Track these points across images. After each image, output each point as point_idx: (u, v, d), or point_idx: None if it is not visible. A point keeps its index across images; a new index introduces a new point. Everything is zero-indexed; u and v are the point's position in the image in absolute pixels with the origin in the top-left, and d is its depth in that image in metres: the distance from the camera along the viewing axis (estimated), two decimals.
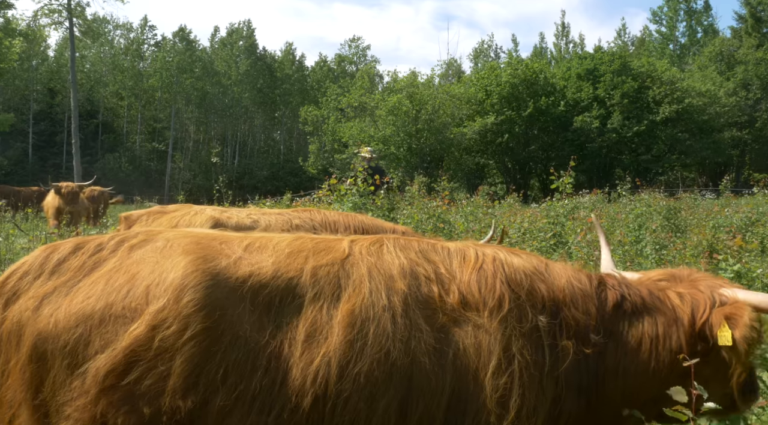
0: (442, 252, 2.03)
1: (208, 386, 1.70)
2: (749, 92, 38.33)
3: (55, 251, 1.97)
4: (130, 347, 1.70)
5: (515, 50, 59.93)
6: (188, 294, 1.74)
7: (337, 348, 1.74)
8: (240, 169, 50.46)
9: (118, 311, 1.75)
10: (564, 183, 8.56)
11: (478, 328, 1.82)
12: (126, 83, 50.37)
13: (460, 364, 1.79)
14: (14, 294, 1.89)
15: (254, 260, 1.90)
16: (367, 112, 36.70)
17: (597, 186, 20.22)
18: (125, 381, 1.69)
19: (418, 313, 1.82)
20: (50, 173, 41.16)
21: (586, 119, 35.87)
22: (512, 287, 1.90)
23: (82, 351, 1.73)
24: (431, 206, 8.84)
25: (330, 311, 1.80)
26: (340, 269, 1.90)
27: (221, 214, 4.02)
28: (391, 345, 1.75)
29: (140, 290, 1.79)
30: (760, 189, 17.41)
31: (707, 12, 52.79)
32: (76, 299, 1.80)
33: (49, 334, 1.77)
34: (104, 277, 1.84)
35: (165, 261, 1.85)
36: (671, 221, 10.19)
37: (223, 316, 1.74)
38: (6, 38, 29.47)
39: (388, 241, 2.04)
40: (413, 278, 1.89)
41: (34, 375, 1.78)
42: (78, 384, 1.72)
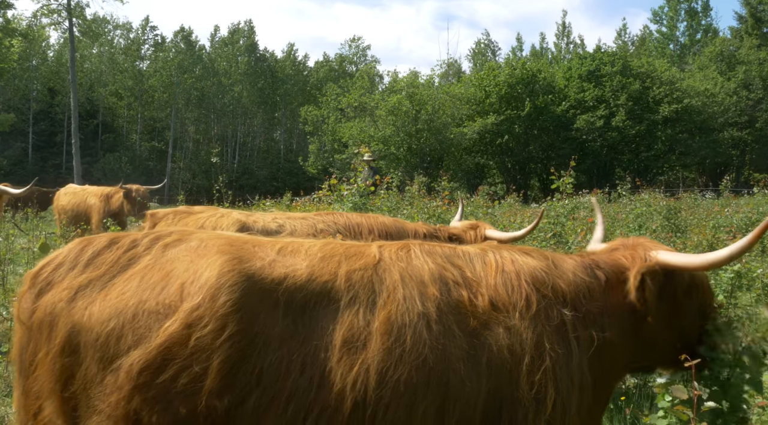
0: (464, 256, 2.06)
1: (244, 386, 1.70)
2: (750, 92, 38.32)
3: (89, 244, 1.97)
4: (164, 344, 1.69)
5: (519, 50, 59.97)
6: (224, 294, 1.73)
7: (376, 355, 1.74)
8: (240, 169, 50.45)
9: (152, 307, 1.75)
10: (564, 183, 8.54)
11: (509, 329, 1.86)
12: (126, 83, 50.37)
13: (494, 366, 1.82)
14: (47, 285, 1.89)
15: (288, 263, 1.91)
16: (367, 112, 36.70)
17: (597, 186, 20.24)
18: (160, 378, 1.68)
19: (451, 318, 1.84)
20: (50, 173, 41.25)
21: (589, 118, 35.88)
22: (537, 287, 1.96)
23: (115, 346, 1.72)
24: (431, 206, 8.84)
25: (366, 316, 1.80)
26: (374, 274, 1.91)
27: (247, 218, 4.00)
28: (428, 352, 1.77)
29: (174, 287, 1.78)
30: (760, 189, 17.41)
31: (707, 12, 52.82)
32: (111, 294, 1.80)
33: (82, 326, 1.76)
34: (139, 273, 1.84)
35: (200, 260, 1.84)
36: (671, 221, 10.19)
37: (258, 317, 1.74)
38: (6, 38, 29.48)
39: (414, 246, 2.07)
40: (443, 283, 1.92)
41: (65, 367, 1.77)
42: (111, 379, 1.71)
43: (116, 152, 47.75)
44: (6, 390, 4.39)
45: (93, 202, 11.52)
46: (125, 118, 52.85)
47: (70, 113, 36.56)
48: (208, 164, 46.71)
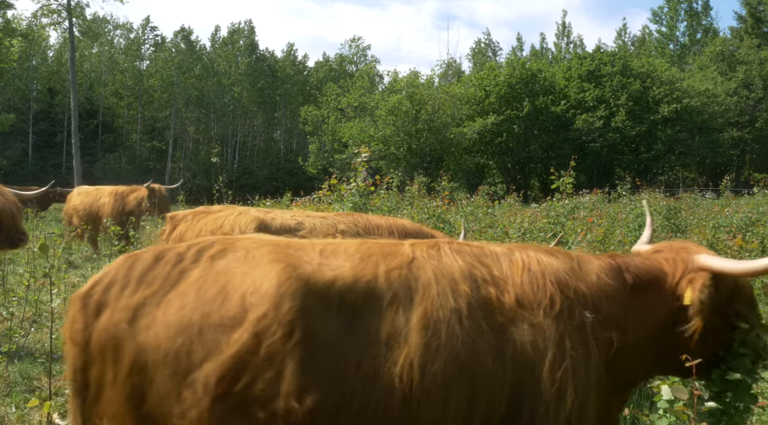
0: (492, 255, 2.13)
1: (316, 387, 1.76)
2: (751, 92, 38.31)
3: (137, 261, 1.99)
4: (236, 354, 1.74)
5: (519, 50, 59.93)
6: (287, 301, 1.80)
7: (417, 350, 1.82)
8: (240, 169, 50.43)
9: (216, 321, 1.79)
10: (564, 183, 8.55)
11: (533, 327, 1.93)
12: (126, 83, 50.36)
13: (518, 361, 1.90)
14: (101, 305, 1.90)
15: (334, 265, 1.98)
16: (367, 112, 36.70)
17: (597, 186, 20.23)
18: (237, 387, 1.73)
19: (480, 314, 1.92)
20: (50, 173, 41.23)
21: (589, 118, 35.87)
22: (560, 288, 2.02)
23: (186, 361, 1.76)
24: (431, 206, 8.84)
25: (406, 313, 1.88)
26: (409, 272, 1.98)
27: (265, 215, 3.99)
28: (460, 346, 1.85)
29: (235, 299, 1.83)
30: (760, 189, 17.41)
31: (707, 12, 52.81)
32: (170, 310, 1.83)
33: (149, 346, 1.79)
34: (193, 287, 1.87)
35: (254, 271, 1.90)
36: (671, 221, 10.19)
37: (320, 320, 1.82)
38: (6, 38, 29.47)
39: (443, 245, 2.14)
40: (472, 281, 1.99)
41: (135, 387, 1.80)
42: (188, 393, 1.74)
43: (116, 152, 47.74)
44: (6, 390, 4.39)
45: (106, 200, 11.42)
46: (125, 118, 52.84)
47: (70, 113, 36.55)
48: (208, 164, 46.67)
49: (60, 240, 9.72)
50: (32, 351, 5.18)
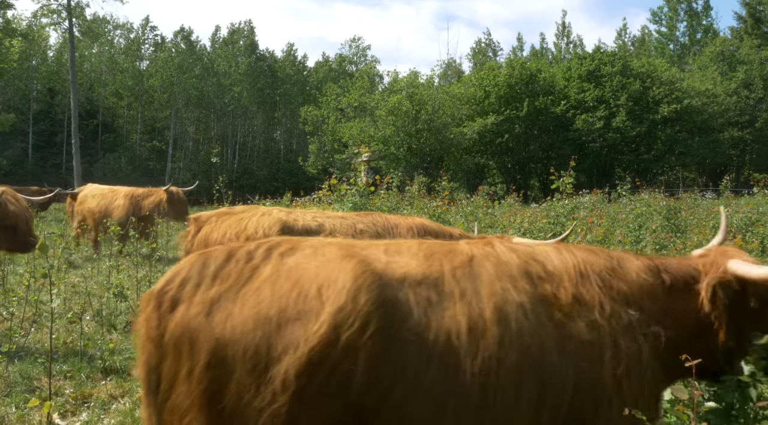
0: (543, 253, 2.18)
1: (389, 379, 1.79)
2: (751, 92, 38.30)
3: (209, 258, 2.03)
4: (316, 347, 1.76)
5: (520, 50, 59.91)
6: (364, 294, 1.83)
7: (493, 342, 1.87)
8: (240, 169, 50.41)
9: (294, 315, 1.82)
10: (564, 183, 8.55)
11: (591, 324, 1.99)
12: (126, 83, 50.36)
13: (579, 357, 1.94)
14: (176, 302, 1.93)
15: (401, 262, 2.02)
16: (367, 112, 36.69)
17: (597, 186, 20.22)
18: (315, 380, 1.76)
19: (541, 310, 1.98)
20: (50, 173, 41.23)
21: (589, 118, 35.86)
22: (607, 289, 2.08)
23: (265, 355, 1.78)
24: (431, 206, 8.84)
25: (478, 307, 1.93)
26: (471, 269, 2.04)
27: (287, 216, 3.99)
28: (528, 339, 1.90)
29: (311, 292, 1.86)
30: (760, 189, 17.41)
31: (707, 12, 52.81)
32: (247, 305, 1.86)
33: (228, 340, 1.80)
34: (267, 283, 1.91)
35: (327, 266, 1.94)
36: (671, 221, 10.19)
37: (396, 313, 1.85)
38: (6, 38, 29.46)
39: (497, 243, 2.20)
40: (529, 277, 2.05)
41: (213, 381, 1.81)
42: (268, 388, 1.76)
43: (116, 152, 47.72)
44: (6, 390, 4.39)
45: (121, 203, 11.29)
46: (125, 118, 52.83)
47: (70, 113, 36.53)
48: (208, 164, 46.63)
49: (60, 240, 9.72)
50: (32, 351, 5.18)
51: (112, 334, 5.98)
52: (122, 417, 4.05)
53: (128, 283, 7.38)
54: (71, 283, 8.19)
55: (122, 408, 4.23)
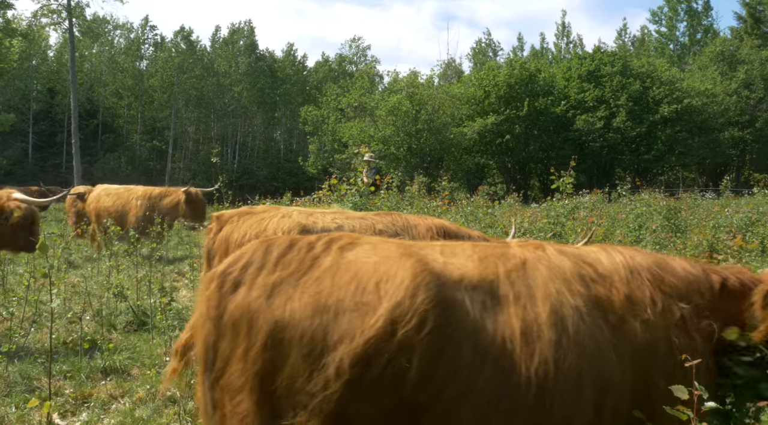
0: (592, 255, 2.19)
1: (442, 378, 1.80)
2: (751, 92, 38.29)
3: (272, 245, 2.09)
4: (371, 340, 1.78)
5: (520, 50, 59.90)
6: (422, 292, 1.85)
7: (550, 345, 1.86)
8: (240, 169, 50.42)
9: (351, 306, 1.86)
10: (564, 183, 8.54)
11: (643, 324, 1.99)
12: (126, 83, 50.36)
13: (635, 357, 1.95)
14: (238, 283, 1.99)
15: (458, 264, 2.04)
16: (367, 112, 36.69)
17: (597, 186, 20.21)
18: (369, 372, 1.77)
19: (596, 312, 1.97)
20: (50, 173, 41.22)
21: (589, 119, 35.85)
22: (658, 284, 2.09)
23: (321, 342, 1.82)
24: (431, 206, 8.84)
25: (533, 310, 1.93)
26: (525, 272, 2.05)
27: (307, 218, 3.97)
28: (587, 342, 1.90)
29: (370, 286, 1.90)
30: (760, 189, 17.40)
31: (707, 12, 52.81)
32: (307, 292, 1.91)
33: (286, 323, 1.85)
34: (328, 273, 1.96)
35: (386, 262, 1.97)
36: (671, 221, 10.19)
37: (453, 313, 1.87)
38: (6, 38, 29.46)
39: (547, 246, 2.21)
40: (582, 280, 2.05)
41: (267, 362, 1.85)
42: (320, 375, 1.79)
43: (116, 152, 47.72)
44: (6, 390, 4.39)
45: (137, 203, 11.25)
46: (125, 118, 52.84)
47: (70, 113, 36.55)
48: (208, 164, 46.64)
49: (60, 240, 9.71)
50: (32, 351, 5.18)
51: (112, 334, 5.98)
52: (122, 417, 4.05)
53: (128, 283, 7.38)
54: (71, 283, 8.19)
55: (122, 408, 4.23)
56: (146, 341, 5.71)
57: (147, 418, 4.05)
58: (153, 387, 4.54)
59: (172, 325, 5.14)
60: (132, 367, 5.05)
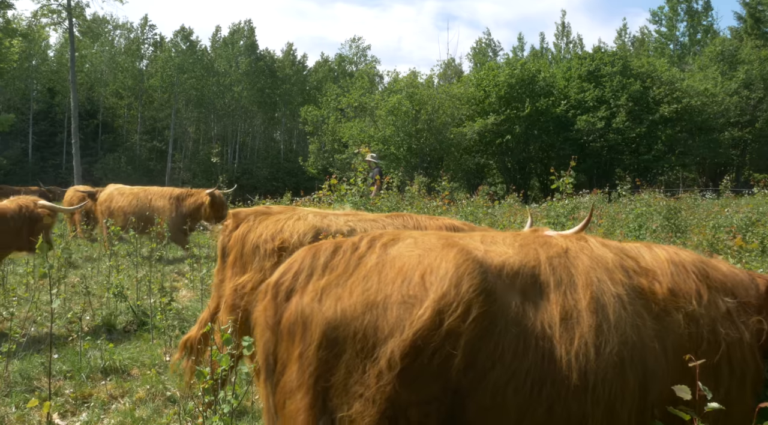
0: (634, 248, 2.23)
1: (486, 363, 1.87)
2: (752, 92, 38.29)
3: (318, 251, 2.19)
4: (419, 331, 1.86)
5: (520, 50, 59.88)
6: (466, 281, 1.92)
7: (590, 330, 1.91)
8: (240, 169, 50.45)
9: (398, 299, 1.94)
10: (564, 183, 8.54)
11: (688, 316, 2.01)
12: (126, 83, 50.36)
13: (677, 348, 1.97)
14: (291, 291, 2.11)
15: (499, 251, 2.10)
16: (367, 112, 36.70)
17: (597, 186, 20.21)
18: (417, 361, 1.86)
19: (637, 302, 2.01)
20: (50, 173, 41.22)
21: (590, 119, 35.85)
22: (703, 278, 2.11)
23: (372, 337, 1.91)
24: (431, 206, 8.84)
25: (574, 296, 1.98)
26: (567, 259, 2.09)
27: (321, 221, 4.01)
28: (628, 329, 1.93)
29: (415, 278, 1.97)
30: (760, 189, 17.40)
31: (707, 12, 52.81)
32: (356, 291, 2.00)
33: (339, 323, 1.95)
34: (374, 271, 2.04)
35: (429, 253, 2.04)
36: (671, 221, 10.17)
37: (496, 300, 1.93)
38: (6, 38, 29.46)
39: (589, 237, 2.25)
40: (624, 271, 2.08)
41: (322, 361, 1.95)
42: (374, 367, 1.89)
43: (116, 152, 47.74)
44: (6, 390, 4.39)
45: (161, 204, 11.18)
46: (125, 118, 52.84)
47: (70, 113, 36.54)
48: (208, 164, 46.69)
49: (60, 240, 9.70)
50: (32, 351, 5.17)
51: (112, 334, 5.97)
52: (122, 417, 4.04)
53: (128, 283, 7.38)
54: (71, 283, 8.19)
55: (122, 408, 4.22)
56: (146, 341, 5.70)
57: (147, 418, 4.04)
58: (153, 387, 4.54)
59: (172, 325, 5.13)
60: (132, 367, 5.04)
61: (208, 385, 2.86)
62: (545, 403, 1.88)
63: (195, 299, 7.66)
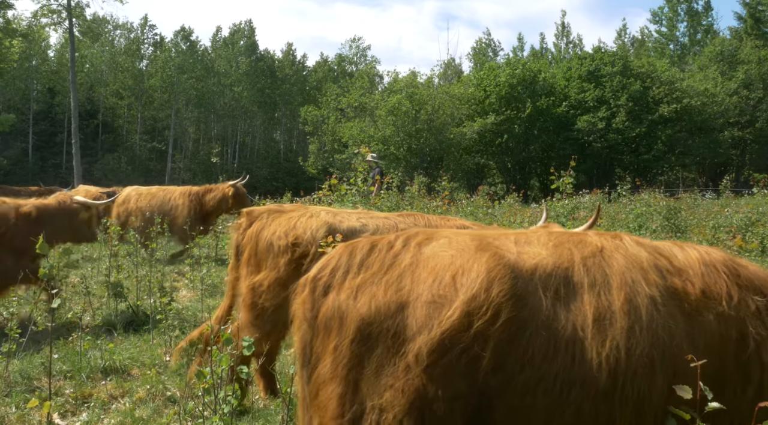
0: (667, 248, 2.25)
1: (514, 365, 1.91)
2: (751, 92, 38.29)
3: (355, 249, 2.27)
4: (447, 330, 1.92)
5: (520, 50, 59.86)
6: (497, 285, 1.96)
7: (622, 333, 1.92)
8: (240, 169, 50.40)
9: (429, 298, 2.01)
10: (564, 183, 8.55)
11: (718, 316, 2.03)
12: (126, 83, 50.35)
13: (708, 348, 1.99)
14: (328, 287, 2.20)
15: (532, 253, 2.12)
16: (367, 112, 36.70)
17: (597, 186, 20.20)
18: (444, 359, 1.92)
19: (671, 303, 2.02)
20: (50, 173, 41.22)
21: (591, 119, 35.84)
22: (734, 277, 2.13)
23: (403, 333, 1.99)
24: (431, 206, 8.84)
25: (607, 297, 1.99)
26: (602, 259, 2.10)
27: (333, 217, 4.07)
28: (660, 331, 1.95)
29: (446, 279, 2.03)
30: (760, 189, 17.41)
31: (707, 12, 52.80)
32: (390, 290, 2.07)
33: (372, 319, 2.04)
34: (408, 270, 2.11)
35: (462, 255, 2.10)
36: (671, 221, 10.18)
37: (526, 304, 1.96)
38: (6, 38, 29.46)
39: (624, 236, 2.26)
40: (658, 271, 2.09)
41: (355, 354, 2.04)
42: (402, 363, 1.97)
43: (116, 152, 47.75)
44: (6, 390, 4.39)
45: (180, 202, 11.02)
46: (125, 118, 52.85)
47: (70, 113, 36.56)
48: (208, 164, 46.72)
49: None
50: (32, 351, 5.17)
51: (112, 334, 5.98)
52: (122, 417, 4.04)
53: (128, 283, 7.37)
54: (71, 283, 8.18)
55: (122, 408, 4.22)
56: (146, 341, 5.70)
57: (147, 418, 4.04)
58: (153, 387, 4.54)
59: (172, 325, 5.13)
60: (132, 367, 5.04)
61: (208, 385, 2.86)
62: (574, 404, 1.90)
63: (195, 299, 7.66)
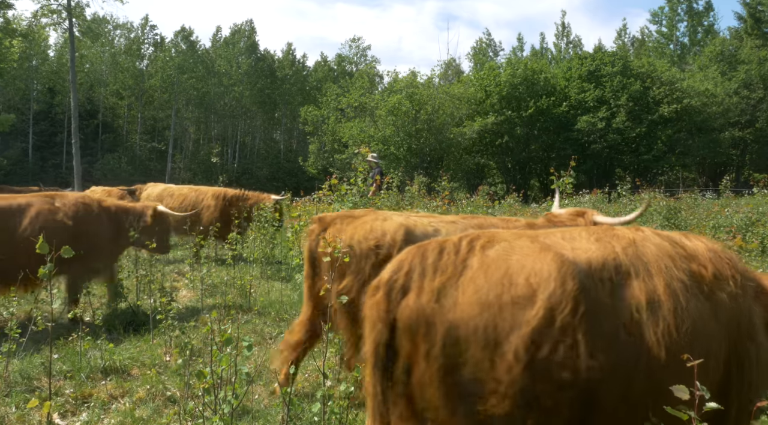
0: (678, 238, 2.45)
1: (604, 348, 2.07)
2: (751, 92, 38.28)
3: (426, 251, 2.35)
4: (536, 327, 2.06)
5: (520, 50, 59.84)
6: (570, 280, 2.12)
7: (670, 313, 2.13)
8: (240, 169, 50.47)
9: (509, 300, 2.13)
10: (564, 183, 8.54)
11: (732, 296, 2.27)
12: (126, 83, 50.35)
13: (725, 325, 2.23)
14: (404, 289, 2.27)
15: (583, 248, 2.30)
16: (367, 112, 36.70)
17: (597, 186, 20.21)
18: (541, 354, 2.05)
19: (694, 285, 2.24)
20: (50, 173, 41.24)
21: (591, 119, 35.83)
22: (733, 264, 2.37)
23: (493, 334, 2.09)
24: (431, 206, 8.85)
25: (651, 282, 2.20)
26: (637, 249, 2.30)
27: (407, 220, 4.13)
28: (694, 310, 2.17)
29: (520, 281, 2.16)
30: (760, 189, 17.41)
31: (708, 12, 52.77)
32: (468, 292, 2.17)
33: (459, 322, 2.14)
34: (480, 273, 2.22)
35: (527, 258, 2.24)
36: (671, 221, 10.18)
37: (596, 295, 2.14)
38: (6, 38, 29.47)
39: (645, 229, 2.46)
40: (681, 257, 2.31)
41: (448, 357, 2.12)
42: (501, 362, 2.07)
43: (116, 152, 47.75)
44: (6, 390, 4.39)
45: (209, 203, 10.83)
46: (125, 118, 52.85)
47: (70, 113, 36.55)
48: (208, 164, 46.73)
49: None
50: (32, 351, 5.17)
51: (112, 334, 5.98)
52: (122, 417, 4.05)
53: (128, 283, 7.38)
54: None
55: (122, 408, 4.23)
56: (146, 341, 5.70)
57: (147, 418, 4.05)
58: (153, 387, 4.54)
59: (172, 325, 5.13)
60: (132, 367, 5.04)
61: (208, 385, 2.86)
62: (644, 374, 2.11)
63: (195, 299, 7.66)
